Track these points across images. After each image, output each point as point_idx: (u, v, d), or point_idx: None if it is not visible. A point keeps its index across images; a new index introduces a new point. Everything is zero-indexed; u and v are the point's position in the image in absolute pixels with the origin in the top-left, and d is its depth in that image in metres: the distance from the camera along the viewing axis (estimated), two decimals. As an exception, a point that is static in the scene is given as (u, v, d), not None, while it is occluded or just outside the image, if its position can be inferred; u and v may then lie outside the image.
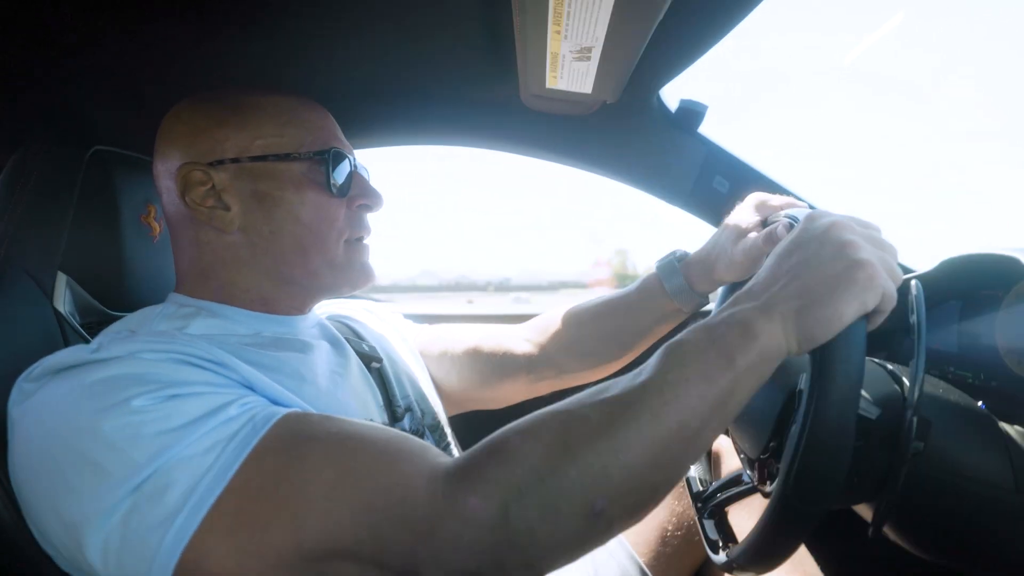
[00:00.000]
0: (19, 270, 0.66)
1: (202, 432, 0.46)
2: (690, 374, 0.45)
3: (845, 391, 0.45)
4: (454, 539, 0.42)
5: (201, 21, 0.70)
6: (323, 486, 0.45)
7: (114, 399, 0.46)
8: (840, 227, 0.50)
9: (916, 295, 0.51)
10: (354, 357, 0.72)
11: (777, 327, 0.46)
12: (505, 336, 0.89)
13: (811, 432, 0.44)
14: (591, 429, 0.44)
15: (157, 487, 0.44)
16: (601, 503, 0.42)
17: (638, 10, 0.59)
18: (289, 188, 0.64)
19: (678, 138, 1.09)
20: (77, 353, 0.51)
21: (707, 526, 0.63)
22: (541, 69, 0.78)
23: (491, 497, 0.42)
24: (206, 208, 0.64)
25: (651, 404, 0.44)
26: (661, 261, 0.80)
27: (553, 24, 0.63)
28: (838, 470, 0.44)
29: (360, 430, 0.49)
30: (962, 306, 0.75)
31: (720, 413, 0.45)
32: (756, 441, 0.59)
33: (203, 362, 0.52)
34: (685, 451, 0.45)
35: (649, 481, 0.44)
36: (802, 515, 0.45)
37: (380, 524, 0.44)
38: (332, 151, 0.66)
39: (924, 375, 0.48)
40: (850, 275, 0.47)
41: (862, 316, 0.47)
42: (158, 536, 0.43)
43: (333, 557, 0.44)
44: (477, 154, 1.17)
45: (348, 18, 0.74)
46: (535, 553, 0.43)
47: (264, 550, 0.44)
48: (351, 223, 0.69)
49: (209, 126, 0.64)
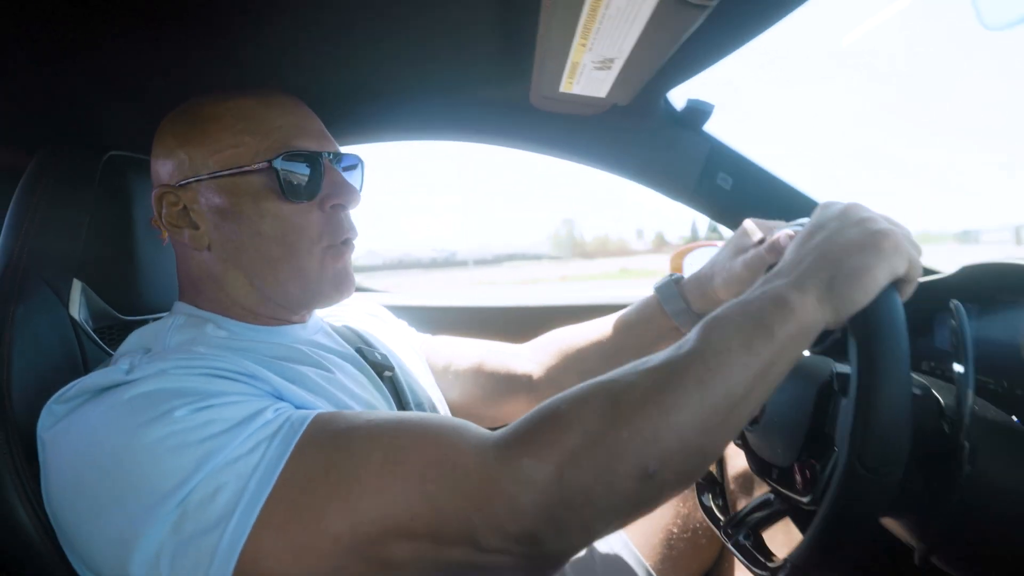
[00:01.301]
0: (37, 279, 0.66)
1: (244, 436, 0.46)
2: (732, 344, 0.46)
3: (896, 349, 0.46)
4: (510, 502, 0.43)
5: (209, 22, 0.68)
6: (372, 467, 0.45)
7: (155, 412, 0.47)
8: (856, 207, 0.53)
9: (959, 316, 0.51)
10: (367, 367, 0.72)
11: (811, 299, 0.48)
12: (509, 354, 0.90)
13: (871, 394, 0.45)
14: (640, 394, 0.45)
15: (207, 492, 0.44)
16: (654, 465, 0.43)
17: (668, 28, 0.59)
18: (247, 201, 0.62)
19: (683, 136, 1.09)
20: (111, 375, 0.51)
21: (743, 547, 0.62)
22: (558, 76, 0.77)
23: (546, 459, 0.43)
24: (180, 228, 0.64)
25: (697, 371, 0.45)
26: (659, 284, 0.81)
27: (580, 38, 0.63)
28: (903, 429, 0.44)
29: (397, 415, 0.50)
30: (979, 309, 0.75)
31: (762, 383, 0.47)
32: (790, 445, 0.58)
33: (234, 375, 0.53)
34: (730, 417, 0.46)
35: (697, 445, 0.45)
36: (872, 487, 0.45)
37: (434, 495, 0.44)
38: (286, 154, 0.62)
39: (974, 396, 0.48)
40: (875, 242, 0.49)
41: (892, 283, 0.49)
42: (214, 540, 0.43)
43: (388, 537, 0.44)
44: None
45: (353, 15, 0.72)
46: (591, 514, 0.43)
47: (320, 539, 0.44)
48: (328, 227, 0.65)
49: (174, 146, 0.64)
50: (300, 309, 0.69)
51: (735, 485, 0.90)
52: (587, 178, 34.58)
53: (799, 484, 0.56)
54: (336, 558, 0.44)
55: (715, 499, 0.77)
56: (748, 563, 0.58)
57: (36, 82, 0.72)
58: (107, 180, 0.75)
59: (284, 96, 0.67)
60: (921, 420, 0.50)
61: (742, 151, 1.11)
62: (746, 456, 0.69)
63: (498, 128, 1.09)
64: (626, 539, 0.88)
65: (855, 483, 0.45)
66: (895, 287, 0.50)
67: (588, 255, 15.63)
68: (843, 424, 0.47)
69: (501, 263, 13.49)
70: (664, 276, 0.83)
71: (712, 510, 0.74)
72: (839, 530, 0.46)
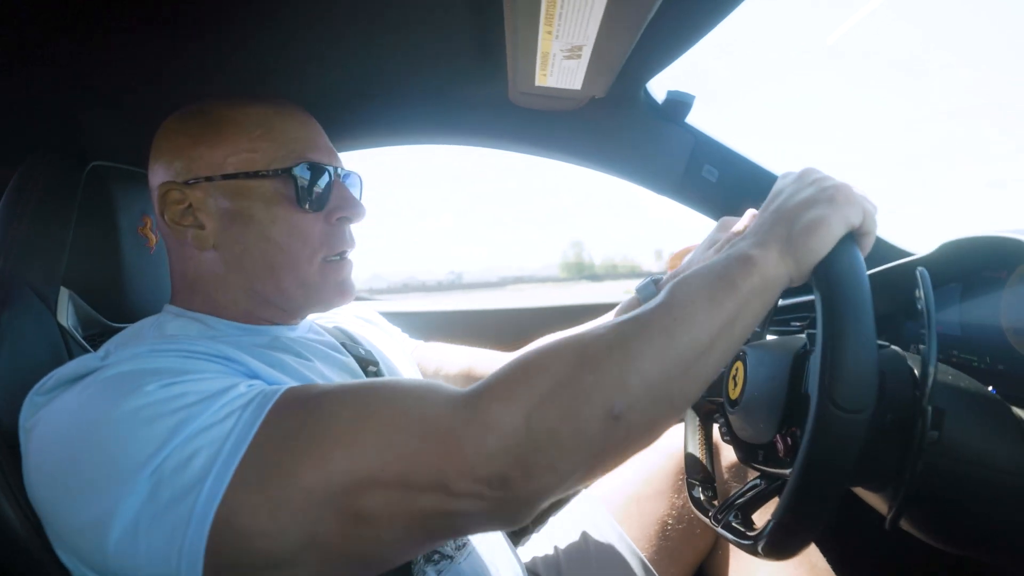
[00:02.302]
0: (24, 286, 0.66)
1: (218, 406, 0.47)
2: (696, 298, 0.48)
3: (857, 294, 0.47)
4: (478, 445, 0.44)
5: (191, 30, 0.70)
6: (343, 422, 0.46)
7: (127, 388, 0.47)
8: (810, 170, 0.56)
9: (923, 282, 0.52)
10: (351, 361, 0.73)
11: (773, 253, 0.50)
12: (499, 360, 0.90)
13: (835, 336, 0.46)
14: (606, 343, 0.47)
15: (181, 458, 0.44)
16: (620, 407, 0.45)
17: (629, 8, 0.59)
18: (259, 206, 0.63)
19: (666, 129, 1.10)
20: (87, 362, 0.52)
21: (729, 525, 0.62)
22: (531, 68, 0.78)
23: (512, 403, 0.44)
24: (183, 227, 0.64)
25: (662, 321, 0.48)
26: (640, 286, 0.83)
27: (545, 25, 0.63)
28: (869, 366, 0.45)
29: (367, 380, 0.51)
30: (962, 289, 0.75)
31: (728, 334, 0.48)
32: (770, 418, 0.59)
33: (209, 357, 0.54)
34: (696, 366, 0.47)
35: (665, 392, 0.47)
36: (845, 427, 0.45)
37: (404, 443, 0.45)
38: (304, 164, 0.64)
39: (936, 361, 0.48)
40: (829, 196, 0.51)
41: (850, 236, 0.51)
42: (189, 503, 0.43)
43: (361, 487, 0.45)
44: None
45: (339, 21, 0.73)
46: (558, 455, 0.44)
47: (293, 494, 0.44)
48: (329, 239, 0.67)
49: (185, 144, 0.64)
50: (298, 313, 0.70)
51: (727, 477, 0.90)
52: (600, 197, 33.96)
53: (781, 453, 0.56)
54: (310, 512, 0.44)
55: (705, 491, 0.77)
56: (735, 538, 0.58)
57: (18, 93, 0.73)
58: (91, 190, 0.76)
59: (300, 110, 0.69)
60: (893, 388, 0.51)
61: (727, 143, 1.12)
62: (733, 448, 0.69)
63: (480, 128, 1.10)
64: (621, 531, 0.88)
65: (829, 423, 0.45)
66: (853, 240, 0.51)
67: (597, 278, 15.46)
68: (813, 372, 0.48)
69: (505, 286, 13.35)
70: (644, 278, 0.84)
71: (702, 502, 0.74)
72: (818, 476, 0.46)
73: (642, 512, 0.90)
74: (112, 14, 0.62)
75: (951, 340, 0.76)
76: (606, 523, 0.90)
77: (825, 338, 0.47)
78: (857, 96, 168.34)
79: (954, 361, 0.75)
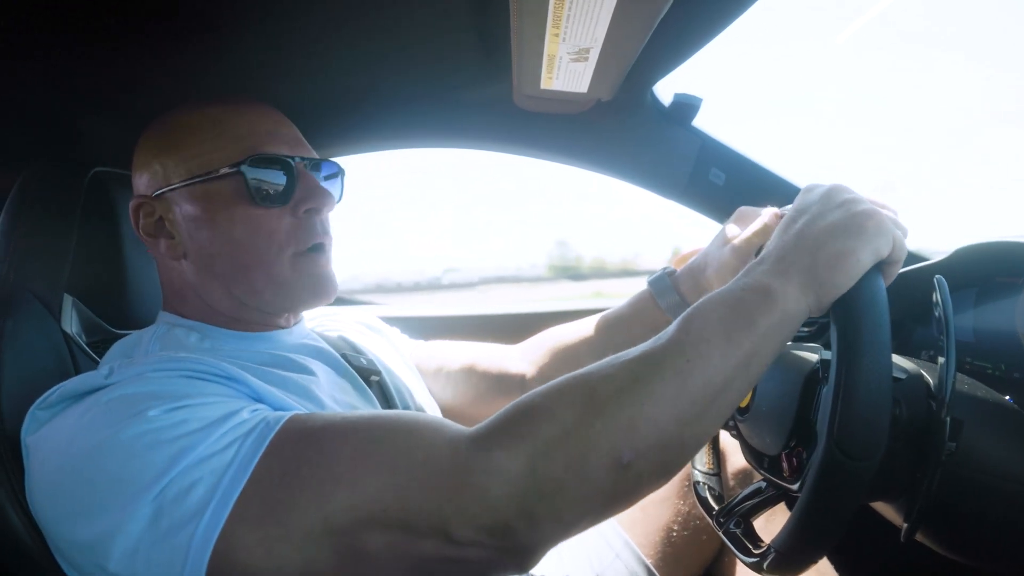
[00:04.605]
0: (27, 294, 0.66)
1: (219, 434, 0.46)
2: (712, 335, 0.45)
3: (875, 335, 0.45)
4: (481, 493, 0.42)
5: (190, 35, 0.69)
6: (344, 460, 0.45)
7: (130, 413, 0.47)
8: (838, 188, 0.52)
9: (941, 291, 0.50)
10: (352, 373, 0.72)
11: (794, 286, 0.47)
12: (501, 355, 0.89)
13: (849, 380, 0.44)
14: (616, 386, 0.44)
15: (182, 488, 0.44)
16: (628, 455, 0.43)
17: (639, 10, 0.59)
18: (219, 207, 0.62)
19: (672, 132, 1.08)
20: (91, 379, 0.52)
21: (733, 535, 0.61)
22: (536, 71, 0.77)
23: (517, 450, 0.43)
24: (156, 239, 0.65)
25: (675, 361, 0.45)
26: (652, 278, 0.81)
27: (552, 27, 0.63)
28: (882, 415, 0.44)
29: (373, 412, 0.50)
30: (977, 294, 0.74)
31: (744, 373, 0.46)
32: (778, 433, 0.57)
33: (213, 376, 0.53)
34: (711, 408, 0.45)
35: (676, 436, 0.44)
36: (851, 474, 0.44)
37: (405, 486, 0.44)
38: (254, 158, 0.62)
39: (955, 370, 0.47)
40: (858, 223, 0.48)
41: (876, 266, 0.48)
42: (188, 534, 0.43)
43: (360, 528, 0.44)
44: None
45: (340, 22, 0.72)
46: (563, 504, 0.43)
47: (292, 532, 0.44)
48: (297, 233, 0.64)
49: (149, 157, 0.65)
50: (282, 313, 0.69)
51: (733, 478, 0.89)
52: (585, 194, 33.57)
53: (787, 472, 0.56)
54: (308, 550, 0.44)
55: (711, 490, 0.76)
56: (737, 551, 0.57)
57: (18, 101, 0.73)
58: (93, 196, 0.76)
59: (257, 103, 0.67)
60: (909, 401, 0.50)
61: (735, 145, 1.11)
62: (740, 446, 0.68)
63: (484, 132, 1.09)
64: (626, 537, 0.87)
65: (833, 470, 0.44)
66: (879, 270, 0.48)
67: (581, 277, 15.30)
68: (824, 411, 0.47)
69: (487, 285, 13.16)
70: (658, 269, 0.82)
71: (708, 500, 0.74)
72: (819, 517, 0.46)
73: (648, 518, 0.89)
74: (111, 20, 0.62)
75: (964, 346, 0.75)
76: (611, 529, 0.89)
77: (838, 380, 0.45)
78: (867, 95, 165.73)
79: (968, 368, 0.74)
